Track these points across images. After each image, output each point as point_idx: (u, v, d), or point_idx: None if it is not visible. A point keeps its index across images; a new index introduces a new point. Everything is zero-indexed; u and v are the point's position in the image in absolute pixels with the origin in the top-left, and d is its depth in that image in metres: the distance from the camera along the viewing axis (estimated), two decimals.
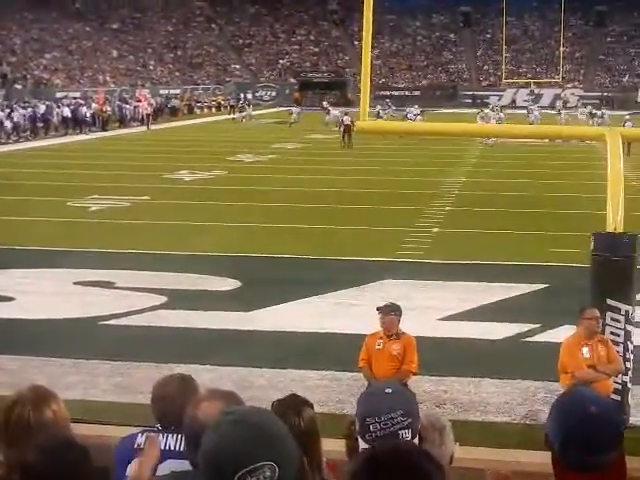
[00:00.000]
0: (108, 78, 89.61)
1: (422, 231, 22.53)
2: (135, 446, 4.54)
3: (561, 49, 74.40)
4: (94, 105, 61.23)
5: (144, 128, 61.16)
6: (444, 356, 12.96)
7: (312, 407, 4.40)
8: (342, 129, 47.48)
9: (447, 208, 26.32)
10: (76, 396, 11.36)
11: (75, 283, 17.33)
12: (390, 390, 3.37)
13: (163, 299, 16.13)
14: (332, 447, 4.52)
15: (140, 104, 67.85)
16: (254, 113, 72.49)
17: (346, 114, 48.90)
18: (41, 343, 13.72)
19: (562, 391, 9.04)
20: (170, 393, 4.58)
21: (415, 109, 62.46)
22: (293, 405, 4.33)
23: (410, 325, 10.81)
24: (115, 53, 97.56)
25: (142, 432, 4.63)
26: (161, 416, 4.62)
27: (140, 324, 14.82)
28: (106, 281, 17.37)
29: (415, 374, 9.69)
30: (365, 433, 3.32)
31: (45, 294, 16.69)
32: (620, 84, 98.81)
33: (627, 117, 49.78)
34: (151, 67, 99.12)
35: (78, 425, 5.00)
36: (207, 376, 12.23)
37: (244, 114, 70.88)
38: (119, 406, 11.04)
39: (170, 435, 4.51)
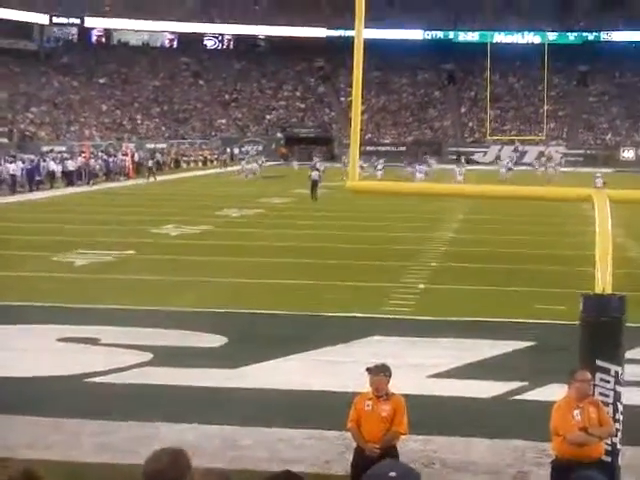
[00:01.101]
0: (94, 132, 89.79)
1: (408, 287, 22.49)
2: None
3: (545, 107, 74.98)
4: (80, 159, 61.31)
5: (130, 182, 61.23)
6: (433, 414, 12.85)
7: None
8: (310, 184, 49.72)
9: (433, 264, 26.32)
10: (57, 456, 11.22)
11: (59, 339, 17.13)
12: (395, 474, 3.24)
13: (149, 356, 15.98)
14: None
15: (126, 158, 68.01)
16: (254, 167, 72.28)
17: (316, 170, 51.53)
18: (23, 401, 13.50)
19: (554, 458, 9.05)
20: (162, 468, 4.46)
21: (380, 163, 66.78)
22: None
23: (399, 383, 10.71)
24: (102, 107, 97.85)
25: None
26: None
27: (125, 382, 14.64)
28: (91, 337, 17.18)
29: (404, 435, 9.58)
30: None
31: (28, 351, 16.48)
32: (603, 142, 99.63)
33: (598, 175, 50.81)
34: (138, 121, 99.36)
35: None
36: (193, 435, 12.12)
37: (249, 167, 71.05)
38: (101, 467, 10.89)
39: None
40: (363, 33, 11.97)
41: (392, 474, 3.21)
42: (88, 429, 12.44)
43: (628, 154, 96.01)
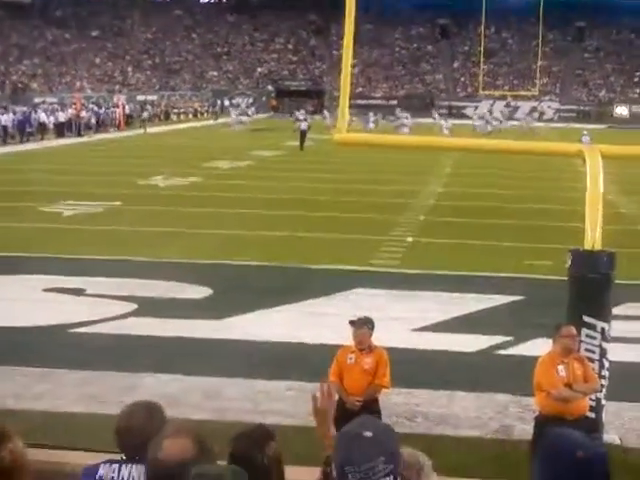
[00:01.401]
0: (86, 84, 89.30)
1: (396, 241, 22.41)
2: (97, 478, 4.35)
3: (538, 62, 74.55)
4: (71, 111, 60.97)
5: (120, 134, 60.96)
6: (417, 368, 12.79)
7: (275, 439, 4.19)
8: (298, 135, 51.75)
9: (421, 217, 26.22)
10: (42, 406, 11.19)
11: (45, 290, 17.05)
12: (370, 434, 3.09)
13: (134, 307, 15.91)
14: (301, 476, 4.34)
15: (117, 110, 67.68)
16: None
17: (305, 120, 53.96)
18: (9, 351, 13.43)
19: (538, 413, 9.01)
20: (136, 424, 4.35)
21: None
22: (255, 441, 4.12)
23: (383, 336, 10.64)
24: (94, 60, 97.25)
25: (104, 462, 4.42)
26: (126, 447, 4.39)
27: (110, 332, 14.57)
28: (76, 288, 17.11)
29: (387, 388, 9.52)
30: None
31: (14, 300, 16.41)
32: (596, 98, 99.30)
33: (585, 132, 50.99)
34: (129, 73, 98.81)
35: (38, 451, 4.82)
36: (176, 386, 12.07)
37: (239, 119, 70.99)
38: (86, 417, 10.82)
39: (134, 466, 4.30)
40: None
41: (367, 434, 3.09)
42: (73, 379, 12.39)
43: (621, 111, 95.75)
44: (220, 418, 10.74)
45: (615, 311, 14.15)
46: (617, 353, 11.81)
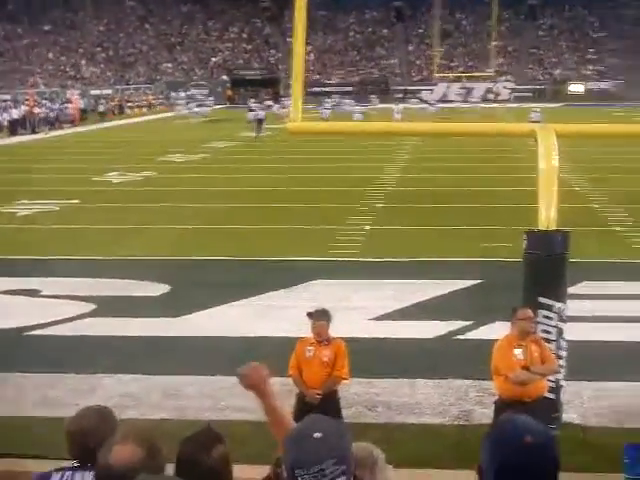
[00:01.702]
0: (39, 79, 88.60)
1: (354, 229, 22.37)
2: None
3: (493, 43, 74.82)
4: (24, 107, 60.42)
5: (75, 129, 60.50)
6: (376, 358, 12.78)
7: (223, 442, 4.14)
8: (255, 124, 52.42)
9: (379, 205, 26.19)
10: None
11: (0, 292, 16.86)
12: (320, 435, 3.01)
13: (91, 307, 15.74)
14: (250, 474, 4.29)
15: (71, 105, 67.17)
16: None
17: (262, 109, 55.40)
18: None
19: (497, 397, 9.00)
20: (86, 428, 4.28)
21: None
22: (203, 443, 4.07)
23: (342, 326, 10.62)
24: (46, 54, 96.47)
25: (56, 470, 4.35)
26: (76, 452, 4.32)
27: (67, 334, 14.42)
28: (32, 289, 16.91)
29: (346, 380, 9.48)
30: None
31: None
32: (551, 77, 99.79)
33: (535, 109, 52.35)
34: (83, 67, 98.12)
35: None
36: (136, 386, 11.98)
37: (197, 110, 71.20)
38: (45, 421, 10.68)
39: (86, 473, 4.23)
40: None
41: (317, 435, 3.01)
42: (30, 383, 12.24)
43: (577, 88, 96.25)
44: (181, 417, 10.68)
45: (572, 290, 14.25)
46: (575, 332, 11.87)
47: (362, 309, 15.20)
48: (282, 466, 3.13)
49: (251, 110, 60.64)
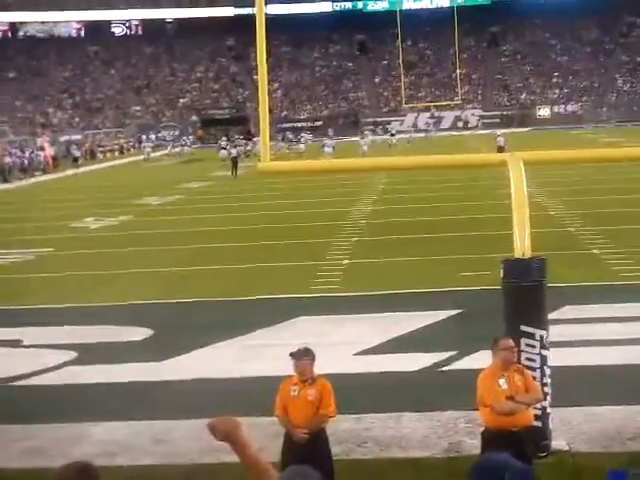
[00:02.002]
0: (7, 128, 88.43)
1: (333, 264, 22.41)
2: None
3: (458, 71, 75.37)
4: None
5: (48, 177, 60.40)
6: (362, 392, 12.80)
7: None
8: (230, 162, 53.30)
9: (354, 239, 26.24)
10: None
11: None
12: None
13: (73, 354, 15.68)
14: None
15: (43, 153, 67.10)
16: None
17: (235, 147, 56.48)
18: None
19: (484, 428, 9.03)
20: None
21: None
22: None
23: (326, 362, 10.66)
24: (13, 102, 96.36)
25: None
26: None
27: (51, 383, 14.36)
28: (12, 339, 16.83)
29: (333, 417, 9.48)
30: None
31: None
32: (518, 102, 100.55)
33: (499, 134, 53.73)
34: (50, 114, 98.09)
35: None
36: (122, 432, 11.95)
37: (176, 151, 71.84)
38: (31, 472, 10.63)
39: None
40: (267, 8, 11.82)
41: None
42: (15, 434, 12.17)
43: (544, 112, 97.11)
44: (170, 462, 10.65)
45: (554, 315, 14.37)
46: (560, 358, 11.95)
47: (346, 344, 15.22)
48: None
49: (222, 148, 61.32)
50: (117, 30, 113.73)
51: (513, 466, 2.86)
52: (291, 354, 9.41)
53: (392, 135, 73.90)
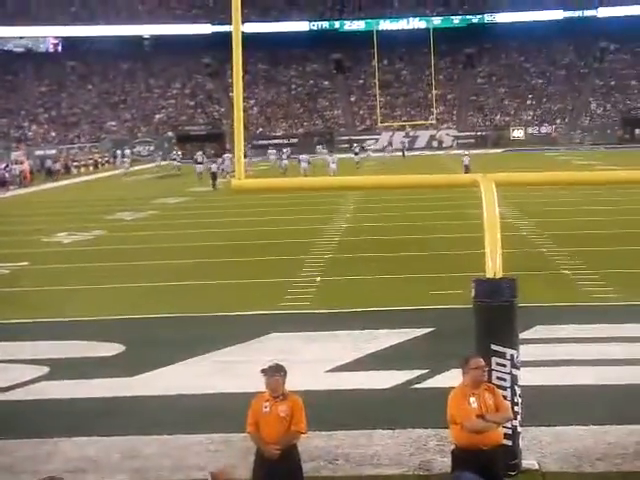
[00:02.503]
0: None
1: (305, 281, 22.46)
2: None
3: (433, 91, 75.81)
4: None
5: (20, 191, 60.17)
6: (334, 409, 12.83)
7: None
8: (210, 176, 55.12)
9: (327, 256, 26.30)
10: None
11: None
12: None
13: (45, 370, 15.60)
14: None
15: (20, 166, 66.95)
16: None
17: (213, 162, 58.18)
18: None
19: (454, 446, 9.08)
20: None
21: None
22: None
23: (298, 379, 10.68)
24: None
25: None
26: None
27: (22, 398, 14.26)
28: None
29: (304, 433, 9.51)
30: None
31: None
32: (492, 123, 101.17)
33: (465, 154, 54.92)
34: (25, 128, 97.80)
35: None
36: (93, 448, 11.91)
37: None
38: None
39: None
40: (244, 27, 11.88)
41: None
42: None
43: (518, 133, 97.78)
44: (142, 478, 10.63)
45: (526, 335, 14.50)
46: (530, 377, 12.04)
47: (318, 361, 15.24)
48: None
49: (199, 163, 61.82)
50: (95, 45, 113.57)
51: None
52: (262, 370, 9.43)
53: (355, 154, 73.24)
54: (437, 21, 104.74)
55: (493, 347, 10.28)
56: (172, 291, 22.38)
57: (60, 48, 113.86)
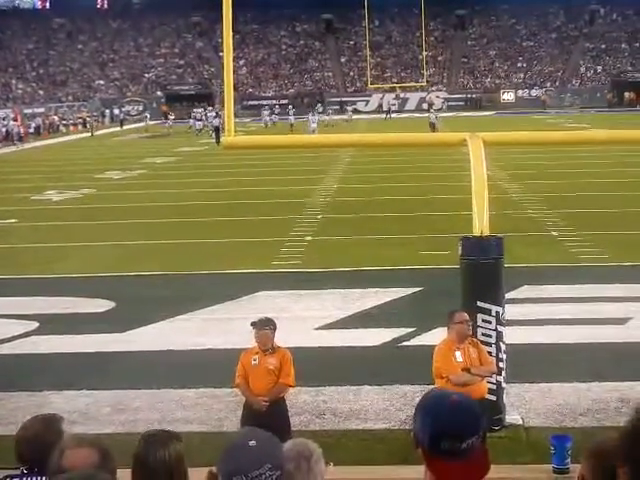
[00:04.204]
0: None
1: (296, 240, 22.55)
2: None
3: (424, 53, 75.55)
4: None
5: (11, 149, 60.05)
6: (322, 366, 12.96)
7: (181, 441, 4.30)
8: (213, 131, 57.31)
9: (319, 216, 26.39)
10: None
11: None
12: (254, 442, 3.22)
13: (34, 325, 15.70)
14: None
15: (16, 123, 66.76)
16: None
17: (216, 116, 59.13)
18: None
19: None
20: (34, 435, 4.46)
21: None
22: (161, 439, 4.23)
23: (287, 336, 10.80)
24: None
25: (4, 477, 4.50)
26: (24, 458, 4.50)
27: (11, 352, 14.39)
28: None
29: (292, 387, 9.64)
30: None
31: None
32: (483, 85, 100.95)
33: (431, 111, 55.48)
34: (13, 86, 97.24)
35: None
36: (83, 402, 12.03)
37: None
38: None
39: (34, 478, 4.39)
40: None
41: (252, 443, 3.22)
42: None
43: (508, 96, 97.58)
44: (131, 430, 10.74)
45: (513, 295, 14.65)
46: (517, 336, 12.19)
47: (307, 319, 15.38)
48: (216, 474, 3.30)
49: (198, 120, 63.05)
50: (83, 3, 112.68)
51: (457, 394, 3.08)
52: (252, 323, 9.55)
53: (327, 115, 74.62)
54: None
55: (479, 304, 10.40)
56: (162, 249, 22.45)
57: (48, 5, 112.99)
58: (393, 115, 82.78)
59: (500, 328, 10.52)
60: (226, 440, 3.44)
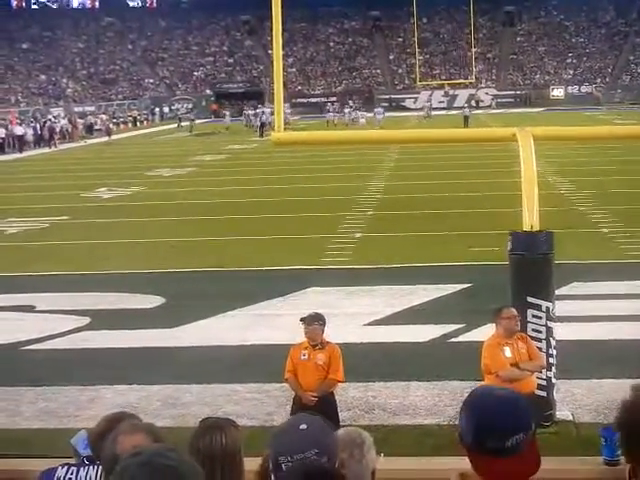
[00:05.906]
0: (20, 98, 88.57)
1: (345, 237, 22.57)
2: (55, 479, 4.47)
3: (473, 50, 75.27)
4: (11, 126, 60.38)
5: (65, 146, 60.60)
6: (371, 361, 12.97)
7: (238, 427, 4.33)
8: (259, 125, 59.77)
9: (369, 213, 26.38)
10: (0, 425, 11.18)
11: None
12: (305, 426, 3.24)
13: (86, 320, 15.85)
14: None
15: (64, 121, 67.36)
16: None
17: (264, 112, 61.17)
18: None
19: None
20: (103, 431, 4.49)
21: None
22: (217, 424, 4.27)
23: (336, 332, 10.83)
24: (27, 73, 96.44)
25: (62, 465, 4.55)
26: (93, 450, 4.54)
27: (63, 347, 14.53)
28: (26, 305, 17.02)
29: (341, 382, 9.66)
30: (277, 472, 3.24)
31: None
32: (532, 82, 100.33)
33: (466, 105, 54.97)
34: (64, 85, 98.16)
35: None
36: (134, 396, 12.13)
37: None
38: (44, 432, 10.83)
39: (91, 467, 4.44)
40: None
41: (302, 426, 3.24)
42: (28, 396, 12.33)
43: (557, 92, 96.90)
44: (181, 424, 10.82)
45: (563, 291, 14.54)
46: (567, 332, 12.12)
47: (356, 315, 15.39)
48: (268, 460, 3.33)
49: (248, 116, 67.88)
50: (132, 2, 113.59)
51: (503, 389, 3.07)
52: (302, 319, 9.59)
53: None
54: None
55: (529, 299, 10.35)
56: (212, 246, 22.54)
57: (97, 4, 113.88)
58: (436, 112, 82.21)
59: (550, 324, 10.46)
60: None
